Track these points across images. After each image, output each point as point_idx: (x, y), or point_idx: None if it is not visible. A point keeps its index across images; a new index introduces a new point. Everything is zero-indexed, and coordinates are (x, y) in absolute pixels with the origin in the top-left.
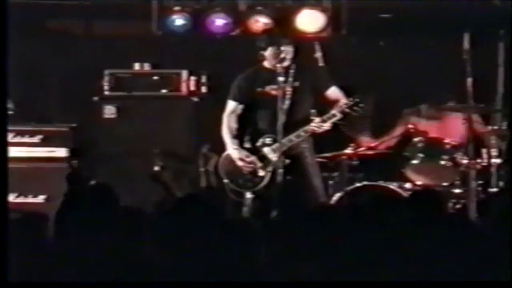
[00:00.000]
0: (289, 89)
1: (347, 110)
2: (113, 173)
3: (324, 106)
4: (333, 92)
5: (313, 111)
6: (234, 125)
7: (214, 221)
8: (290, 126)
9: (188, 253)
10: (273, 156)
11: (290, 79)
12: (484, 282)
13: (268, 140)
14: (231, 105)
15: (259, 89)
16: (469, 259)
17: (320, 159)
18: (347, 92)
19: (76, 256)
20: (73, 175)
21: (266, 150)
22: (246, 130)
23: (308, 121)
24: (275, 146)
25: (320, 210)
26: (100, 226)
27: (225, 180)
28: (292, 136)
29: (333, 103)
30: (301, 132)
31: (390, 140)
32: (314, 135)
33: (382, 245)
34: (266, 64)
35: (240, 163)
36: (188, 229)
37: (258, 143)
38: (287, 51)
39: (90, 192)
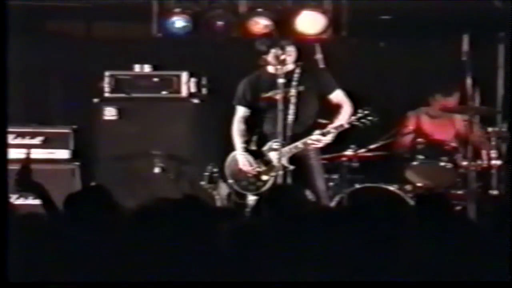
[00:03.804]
0: (293, 94)
1: (356, 122)
2: (114, 174)
3: (327, 111)
4: (337, 96)
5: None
6: (243, 129)
7: (214, 222)
8: (297, 131)
9: (188, 253)
10: (278, 162)
11: (294, 83)
12: (484, 282)
13: (275, 145)
14: (240, 110)
15: (264, 94)
16: (469, 259)
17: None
18: (349, 96)
19: (76, 256)
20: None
21: (272, 155)
22: (253, 133)
23: (315, 125)
24: (281, 151)
25: (320, 212)
26: (100, 227)
27: (230, 181)
28: (299, 143)
29: (336, 107)
30: (307, 140)
31: (390, 141)
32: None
33: (382, 246)
34: (269, 69)
35: (246, 169)
36: (188, 230)
37: (265, 147)
38: (289, 52)
39: (90, 193)
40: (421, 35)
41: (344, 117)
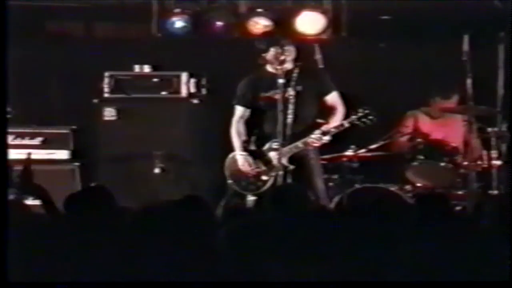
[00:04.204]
0: (292, 94)
1: (356, 122)
2: (113, 175)
3: (323, 111)
4: (332, 98)
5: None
6: (243, 129)
7: (215, 222)
8: (296, 131)
9: (188, 254)
10: (278, 162)
11: (293, 83)
12: (484, 282)
13: (275, 145)
14: (239, 110)
15: (263, 94)
16: (469, 259)
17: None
18: (348, 96)
19: (76, 256)
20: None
21: (272, 154)
22: (252, 133)
23: (314, 125)
24: (280, 151)
25: (320, 212)
26: (100, 227)
27: (229, 181)
28: (299, 143)
29: (330, 108)
30: (307, 139)
31: (390, 141)
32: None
33: (382, 246)
34: (268, 68)
35: (245, 169)
36: (188, 230)
37: (265, 147)
38: (288, 52)
39: (90, 193)
40: (421, 35)
41: (336, 120)
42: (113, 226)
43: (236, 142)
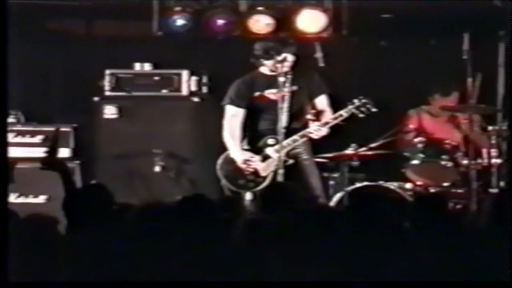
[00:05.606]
0: (287, 94)
1: (354, 110)
2: (114, 173)
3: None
4: (321, 101)
5: (311, 112)
6: (236, 129)
7: (214, 221)
8: (291, 129)
9: (188, 253)
10: (278, 157)
11: (288, 84)
12: (484, 282)
13: (270, 141)
14: (230, 109)
15: (257, 94)
16: (469, 259)
17: (320, 160)
18: (349, 94)
19: (76, 256)
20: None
21: (269, 150)
22: (246, 132)
23: (308, 123)
24: (278, 146)
25: (320, 211)
26: (100, 226)
27: (223, 182)
28: (296, 136)
29: (319, 111)
30: (305, 132)
31: (391, 140)
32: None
33: (382, 245)
34: (263, 70)
35: (244, 166)
36: (188, 229)
37: (260, 144)
38: (289, 58)
39: (90, 192)
40: (422, 34)
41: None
42: (113, 224)
43: (229, 141)
